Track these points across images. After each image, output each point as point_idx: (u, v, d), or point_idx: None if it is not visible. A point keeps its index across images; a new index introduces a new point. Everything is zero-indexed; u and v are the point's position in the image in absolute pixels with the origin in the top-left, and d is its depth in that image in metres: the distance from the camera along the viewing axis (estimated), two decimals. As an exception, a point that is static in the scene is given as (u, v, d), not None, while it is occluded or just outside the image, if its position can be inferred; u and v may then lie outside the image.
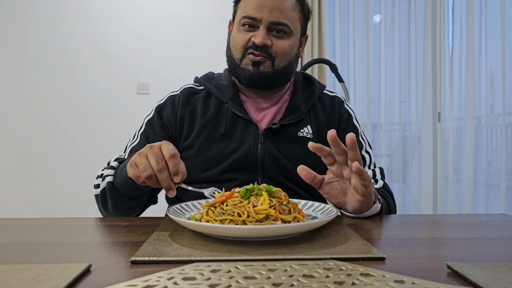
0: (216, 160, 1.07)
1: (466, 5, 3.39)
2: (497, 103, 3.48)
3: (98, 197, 1.05)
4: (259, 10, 1.04)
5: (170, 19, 3.17)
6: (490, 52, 3.40)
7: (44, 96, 3.04)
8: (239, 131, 1.09)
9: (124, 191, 0.97)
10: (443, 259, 0.56)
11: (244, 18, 1.06)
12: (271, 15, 1.04)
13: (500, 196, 3.36)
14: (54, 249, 0.64)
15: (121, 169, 0.96)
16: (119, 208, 1.02)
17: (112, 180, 1.00)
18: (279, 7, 1.05)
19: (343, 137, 1.13)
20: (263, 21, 1.05)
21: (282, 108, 1.15)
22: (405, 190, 3.58)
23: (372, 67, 3.43)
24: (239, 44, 1.08)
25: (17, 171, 3.00)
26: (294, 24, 1.08)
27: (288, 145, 1.09)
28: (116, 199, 1.00)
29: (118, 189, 0.97)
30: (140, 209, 1.09)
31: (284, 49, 1.07)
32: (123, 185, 0.95)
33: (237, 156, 1.06)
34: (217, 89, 1.14)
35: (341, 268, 0.50)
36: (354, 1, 3.41)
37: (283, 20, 1.05)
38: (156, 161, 0.79)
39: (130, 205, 1.02)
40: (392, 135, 3.62)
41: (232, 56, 1.11)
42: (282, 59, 1.08)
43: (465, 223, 0.90)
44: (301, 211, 0.76)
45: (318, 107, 1.17)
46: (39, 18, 3.05)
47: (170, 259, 0.56)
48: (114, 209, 1.03)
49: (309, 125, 1.13)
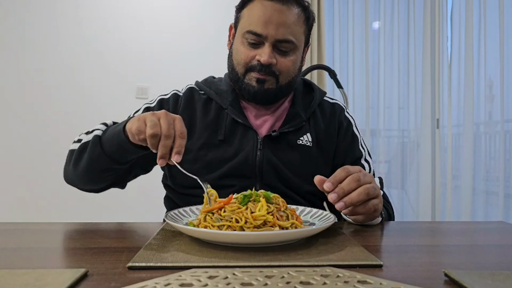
0: (214, 165, 1.05)
1: (465, 12, 3.41)
2: (495, 110, 3.49)
3: (73, 152, 1.00)
4: (265, 26, 1.01)
5: (170, 25, 3.18)
6: (488, 59, 3.41)
7: (43, 100, 3.04)
8: (238, 137, 1.08)
9: (109, 149, 0.91)
10: (441, 267, 0.56)
11: (248, 33, 1.03)
12: (278, 32, 1.01)
13: (498, 203, 3.36)
14: (50, 254, 0.63)
15: (115, 126, 0.92)
16: (92, 168, 0.96)
17: (100, 134, 0.95)
18: (285, 22, 1.01)
19: (342, 144, 1.14)
20: (268, 39, 1.02)
21: (282, 115, 1.14)
22: (404, 196, 3.58)
23: (371, 73, 3.44)
24: (242, 60, 1.05)
25: (17, 174, 2.99)
26: (299, 38, 1.06)
27: (287, 153, 1.08)
28: (95, 156, 0.93)
29: (104, 144, 0.92)
30: (110, 182, 1.04)
31: (289, 66, 1.06)
32: (112, 141, 0.90)
33: (236, 162, 1.05)
34: (217, 94, 1.13)
35: (338, 275, 0.50)
36: (353, 7, 3.42)
37: (289, 37, 1.02)
38: (168, 126, 0.77)
39: (105, 167, 0.96)
40: (391, 141, 3.63)
41: (235, 69, 1.08)
42: (286, 76, 1.07)
43: (463, 231, 0.90)
44: (298, 217, 0.76)
45: (318, 114, 1.16)
46: (38, 23, 3.05)
47: (167, 265, 0.56)
48: (86, 168, 0.96)
49: (309, 133, 1.11)
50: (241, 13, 1.08)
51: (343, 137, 1.15)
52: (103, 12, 3.12)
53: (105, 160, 0.93)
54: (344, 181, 0.78)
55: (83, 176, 0.99)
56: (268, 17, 1.00)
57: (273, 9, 1.01)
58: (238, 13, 1.10)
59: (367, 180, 0.79)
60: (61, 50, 3.08)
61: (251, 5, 1.05)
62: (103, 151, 0.92)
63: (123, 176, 1.06)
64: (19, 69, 3.03)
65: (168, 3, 3.19)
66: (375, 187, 0.79)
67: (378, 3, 3.48)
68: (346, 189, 0.77)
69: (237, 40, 1.08)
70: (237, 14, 1.10)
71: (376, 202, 0.80)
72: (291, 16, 1.03)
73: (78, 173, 0.99)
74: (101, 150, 0.92)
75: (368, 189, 0.78)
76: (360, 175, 0.78)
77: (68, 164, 1.02)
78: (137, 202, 2.89)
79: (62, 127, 3.02)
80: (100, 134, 0.95)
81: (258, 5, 1.03)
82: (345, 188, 0.77)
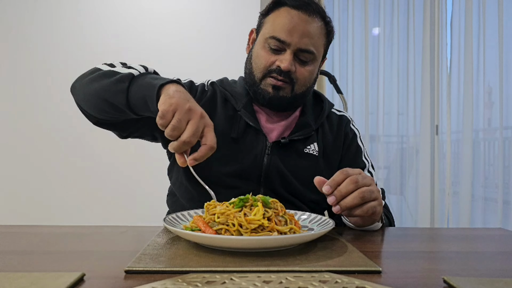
0: (223, 162, 1.04)
1: (464, 18, 3.42)
2: (494, 116, 3.49)
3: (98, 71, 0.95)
4: (289, 33, 1.02)
5: (172, 29, 3.19)
6: (488, 66, 3.42)
7: (45, 105, 3.04)
8: (248, 139, 1.08)
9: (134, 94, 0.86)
10: (440, 273, 0.56)
11: (272, 39, 1.04)
12: (301, 42, 1.02)
13: (497, 209, 3.35)
14: (47, 257, 0.63)
15: (154, 78, 0.86)
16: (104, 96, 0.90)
17: (136, 75, 0.90)
18: (309, 32, 1.03)
19: (347, 156, 1.16)
20: (291, 46, 1.03)
21: (292, 124, 1.15)
22: (402, 202, 3.57)
23: (371, 79, 3.45)
24: (262, 64, 1.06)
25: (15, 177, 2.98)
26: (319, 50, 1.08)
27: (294, 160, 1.09)
28: (116, 89, 0.87)
29: (132, 85, 0.87)
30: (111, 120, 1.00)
31: (306, 76, 1.07)
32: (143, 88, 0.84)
33: (244, 163, 1.05)
34: (232, 96, 1.13)
35: (337, 281, 0.49)
36: (353, 13, 3.44)
37: (310, 48, 1.04)
38: (192, 134, 0.75)
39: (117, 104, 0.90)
40: (390, 147, 3.63)
41: (253, 73, 1.09)
42: (302, 85, 1.08)
43: (462, 237, 0.90)
44: (297, 222, 0.75)
45: (326, 126, 1.17)
46: (39, 27, 3.06)
47: (165, 269, 0.55)
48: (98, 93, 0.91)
49: (316, 142, 1.12)
50: (265, 19, 1.10)
51: (348, 149, 1.17)
52: (104, 17, 3.12)
53: (122, 100, 0.88)
54: (342, 184, 0.78)
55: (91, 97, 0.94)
56: (294, 25, 1.02)
57: (299, 19, 1.02)
58: (262, 18, 1.11)
59: (366, 182, 0.79)
60: (62, 54, 3.08)
61: (277, 12, 1.06)
62: (128, 91, 0.87)
63: (127, 124, 1.03)
64: (20, 73, 3.03)
65: (170, 8, 3.20)
66: (372, 190, 0.79)
67: (378, 9, 3.50)
68: (344, 192, 0.77)
69: (258, 45, 1.09)
70: (262, 19, 1.11)
71: (374, 204, 0.80)
72: (315, 28, 1.04)
73: (89, 91, 0.94)
74: (126, 89, 0.87)
75: (363, 193, 0.77)
76: (359, 177, 0.78)
77: (86, 77, 0.97)
78: (135, 206, 2.88)
79: (63, 130, 3.01)
80: (136, 74, 0.90)
81: (285, 13, 1.04)
82: (343, 190, 0.77)
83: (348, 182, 0.78)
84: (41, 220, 2.92)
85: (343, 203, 0.77)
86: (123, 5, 3.17)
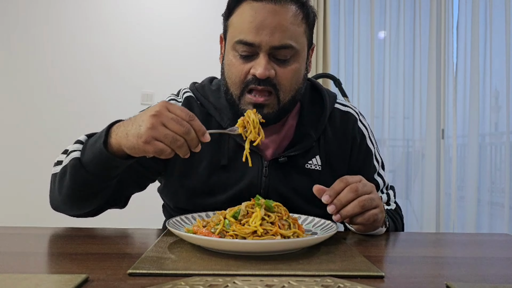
0: (216, 190, 0.96)
1: (471, 22, 3.41)
2: (501, 121, 3.47)
3: (56, 177, 0.87)
4: (257, 32, 0.85)
5: (176, 31, 3.20)
6: (494, 70, 3.40)
7: (49, 106, 3.06)
8: (241, 162, 0.89)
9: (94, 169, 0.80)
10: (443, 279, 0.56)
11: (239, 44, 0.88)
12: (273, 38, 0.86)
13: (504, 215, 3.33)
14: (52, 259, 0.64)
15: (94, 142, 0.80)
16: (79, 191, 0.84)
17: (79, 156, 0.82)
18: (281, 24, 0.86)
19: (355, 163, 1.05)
20: (263, 47, 0.86)
21: (289, 133, 1.01)
22: (408, 206, 3.55)
23: (376, 83, 3.44)
24: (236, 77, 0.90)
25: (20, 178, 3.00)
26: (300, 40, 0.90)
27: (295, 179, 0.97)
28: (80, 180, 0.81)
29: (87, 165, 0.80)
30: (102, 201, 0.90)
31: (290, 77, 0.90)
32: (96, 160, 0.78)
33: (239, 188, 0.95)
34: (216, 110, 0.99)
35: (339, 286, 0.49)
36: (359, 16, 3.43)
37: (287, 42, 0.87)
38: (179, 124, 0.70)
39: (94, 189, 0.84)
40: (396, 151, 3.61)
41: (229, 90, 0.94)
42: (289, 91, 0.92)
43: (467, 243, 0.89)
44: (300, 226, 0.75)
45: (329, 131, 1.02)
46: (43, 30, 3.08)
47: (168, 272, 0.56)
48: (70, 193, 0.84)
49: (318, 155, 1.00)
50: (229, 21, 0.93)
51: (356, 155, 1.05)
52: (109, 18, 3.14)
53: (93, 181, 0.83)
54: (341, 193, 0.77)
55: (69, 202, 0.87)
56: (260, 21, 0.85)
57: (264, 11, 0.86)
58: (226, 21, 0.95)
59: (366, 190, 0.78)
60: (66, 56, 3.10)
61: (240, 9, 0.90)
62: (88, 173, 0.81)
63: (114, 194, 0.94)
64: (25, 74, 3.06)
65: (174, 9, 3.21)
66: (372, 198, 0.78)
67: (384, 12, 3.49)
68: (344, 201, 0.76)
69: (227, 54, 0.93)
70: (225, 22, 0.95)
71: (375, 212, 0.79)
72: (287, 15, 0.87)
73: (64, 199, 0.87)
74: (85, 173, 0.81)
75: (363, 201, 0.77)
76: (359, 186, 0.77)
77: (53, 190, 0.89)
78: (139, 208, 2.88)
79: (68, 132, 3.03)
80: (79, 156, 0.83)
81: (247, 9, 0.88)
82: (342, 199, 0.77)
83: (348, 191, 0.77)
84: (45, 222, 2.94)
85: (343, 212, 0.76)
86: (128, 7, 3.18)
